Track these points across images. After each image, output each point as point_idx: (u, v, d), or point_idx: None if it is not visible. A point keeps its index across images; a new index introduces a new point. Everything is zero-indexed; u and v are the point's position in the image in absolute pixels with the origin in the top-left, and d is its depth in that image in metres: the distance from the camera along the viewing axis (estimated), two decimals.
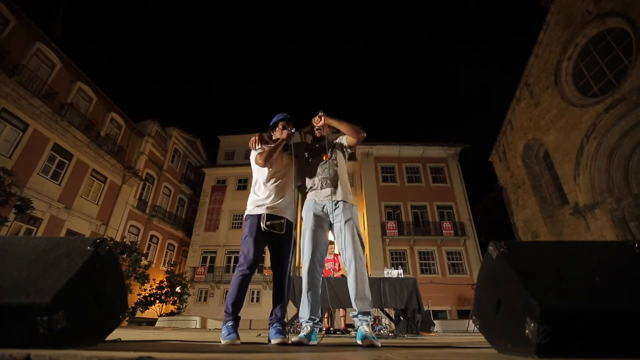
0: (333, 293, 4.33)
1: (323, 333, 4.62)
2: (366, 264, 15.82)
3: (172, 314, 16.24)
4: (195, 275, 18.64)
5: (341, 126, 2.24)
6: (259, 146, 2.26)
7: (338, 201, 2.15)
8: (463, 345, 1.92)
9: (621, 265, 1.17)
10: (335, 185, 2.18)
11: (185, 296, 17.17)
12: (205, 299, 18.41)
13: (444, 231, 17.32)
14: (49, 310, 1.00)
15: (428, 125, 78.72)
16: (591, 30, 12.89)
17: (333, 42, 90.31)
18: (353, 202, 2.22)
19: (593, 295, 1.04)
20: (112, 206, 16.31)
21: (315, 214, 2.16)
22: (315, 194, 2.22)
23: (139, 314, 15.50)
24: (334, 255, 5.76)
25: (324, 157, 2.29)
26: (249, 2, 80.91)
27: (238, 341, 1.81)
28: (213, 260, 19.36)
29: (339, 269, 5.71)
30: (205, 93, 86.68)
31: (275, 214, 2.13)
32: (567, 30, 13.76)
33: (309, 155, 2.37)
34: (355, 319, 1.95)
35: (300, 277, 2.23)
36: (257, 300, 17.93)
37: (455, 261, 17.09)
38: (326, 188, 2.19)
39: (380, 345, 1.75)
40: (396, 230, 17.42)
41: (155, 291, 15.90)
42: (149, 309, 15.73)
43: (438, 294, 13.96)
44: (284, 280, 2.11)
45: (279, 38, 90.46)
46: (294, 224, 2.25)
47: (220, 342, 1.81)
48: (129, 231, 17.13)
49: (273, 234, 2.10)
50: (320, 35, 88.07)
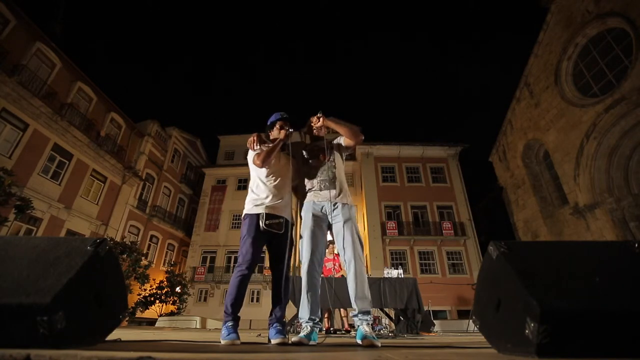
0: (333, 293, 4.33)
1: (323, 333, 4.62)
2: (366, 264, 15.84)
3: (172, 314, 16.24)
4: (195, 275, 18.64)
5: (340, 128, 2.23)
6: (257, 146, 2.24)
7: (337, 202, 2.15)
8: (463, 345, 1.92)
9: (621, 265, 1.17)
10: (333, 187, 2.19)
11: (185, 296, 17.18)
12: (205, 299, 18.41)
13: (444, 231, 17.31)
14: (49, 310, 1.00)
15: (428, 125, 78.80)
16: (591, 30, 12.89)
17: (333, 42, 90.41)
18: (352, 203, 2.23)
19: (593, 295, 1.04)
20: (112, 206, 16.31)
21: (314, 215, 2.17)
22: (314, 194, 2.22)
23: (139, 314, 15.50)
24: (335, 255, 5.74)
25: (322, 159, 2.29)
26: (249, 2, 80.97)
27: (238, 341, 1.81)
28: (213, 260, 19.37)
29: (340, 269, 5.71)
30: (205, 93, 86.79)
31: (274, 213, 2.13)
32: (567, 30, 13.76)
33: (307, 156, 2.37)
34: (355, 319, 1.97)
35: (300, 277, 2.23)
36: (257, 300, 17.93)
37: (455, 261, 17.08)
38: (325, 190, 2.19)
39: (380, 345, 1.75)
40: (396, 230, 17.42)
41: (155, 291, 15.92)
42: (149, 309, 15.74)
43: (438, 294, 13.95)
44: (283, 280, 2.11)
45: (279, 38, 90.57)
46: (292, 223, 2.25)
47: (220, 342, 1.81)
48: (129, 231, 17.13)
49: (272, 234, 2.10)
50: (320, 35, 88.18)
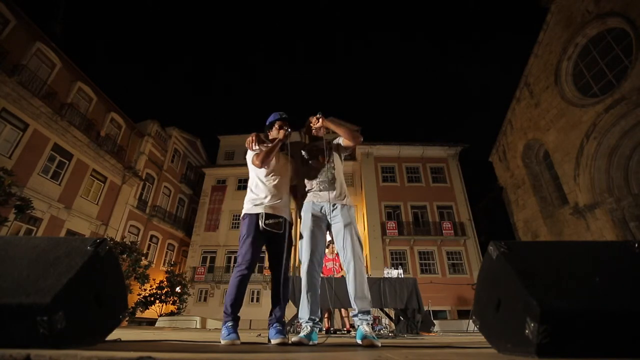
0: (333, 293, 4.33)
1: (323, 333, 4.62)
2: (366, 264, 15.85)
3: (172, 314, 16.24)
4: (195, 275, 18.64)
5: (339, 129, 2.24)
6: (256, 146, 2.23)
7: (336, 203, 2.16)
8: (463, 345, 1.92)
9: (621, 265, 1.16)
10: (333, 188, 2.19)
11: (185, 296, 17.18)
12: (205, 299, 18.41)
13: (444, 231, 17.31)
14: (49, 310, 1.00)
15: (428, 125, 78.74)
16: (591, 30, 12.89)
17: (333, 42, 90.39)
18: (351, 203, 2.23)
19: (593, 295, 1.04)
20: (112, 206, 16.31)
21: (313, 215, 2.17)
22: (314, 195, 2.22)
23: (139, 314, 15.50)
24: (336, 255, 5.74)
25: (321, 159, 2.29)
26: (249, 2, 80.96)
27: (238, 341, 1.81)
28: (213, 260, 19.37)
29: (341, 269, 5.70)
30: (205, 93, 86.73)
31: (273, 213, 2.13)
32: (567, 30, 13.76)
33: (306, 157, 2.37)
34: (355, 318, 1.98)
35: (299, 277, 2.23)
36: (257, 300, 17.93)
37: (455, 261, 17.08)
38: (324, 191, 2.20)
39: (380, 345, 1.75)
40: (396, 230, 17.42)
41: (155, 291, 15.92)
42: (149, 309, 15.74)
43: (438, 294, 13.95)
44: (283, 280, 2.11)
45: (279, 38, 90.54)
46: (291, 223, 2.25)
47: (220, 342, 1.81)
48: (129, 231, 17.13)
49: (271, 233, 2.09)
50: (320, 35, 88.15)
